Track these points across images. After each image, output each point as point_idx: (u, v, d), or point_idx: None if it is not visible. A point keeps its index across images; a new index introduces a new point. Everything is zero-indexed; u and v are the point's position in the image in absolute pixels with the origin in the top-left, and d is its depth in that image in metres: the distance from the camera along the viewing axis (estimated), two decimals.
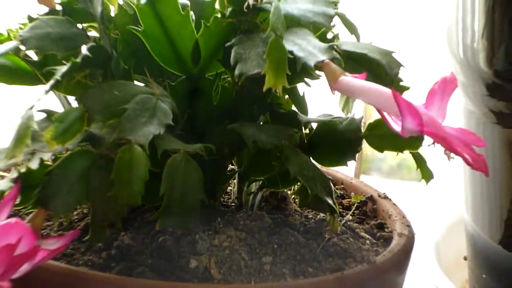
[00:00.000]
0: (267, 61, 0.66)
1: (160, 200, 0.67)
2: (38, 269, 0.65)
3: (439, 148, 0.67)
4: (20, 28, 0.72)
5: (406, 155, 0.77)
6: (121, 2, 0.74)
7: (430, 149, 0.69)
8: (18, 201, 0.70)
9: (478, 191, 0.97)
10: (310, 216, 0.80)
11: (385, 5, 1.18)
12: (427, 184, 0.77)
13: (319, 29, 0.72)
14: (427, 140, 0.67)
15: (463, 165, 0.73)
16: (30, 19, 0.73)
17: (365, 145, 0.77)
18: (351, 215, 0.83)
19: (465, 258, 1.02)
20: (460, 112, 0.96)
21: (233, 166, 0.80)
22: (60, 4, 0.75)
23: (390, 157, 1.04)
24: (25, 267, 0.64)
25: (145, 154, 0.65)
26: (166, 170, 0.67)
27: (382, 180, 1.10)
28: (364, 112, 0.84)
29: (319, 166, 0.75)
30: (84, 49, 0.69)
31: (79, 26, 0.72)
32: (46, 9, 0.75)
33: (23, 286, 0.63)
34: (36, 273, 0.65)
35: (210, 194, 0.73)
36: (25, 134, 0.65)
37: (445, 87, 0.67)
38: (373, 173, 1.10)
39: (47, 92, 0.67)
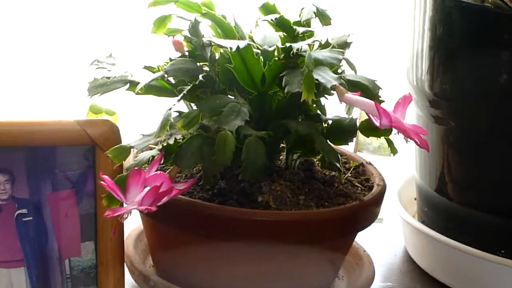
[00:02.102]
0: (303, 84, 0.65)
1: (241, 162, 0.66)
2: (173, 200, 0.65)
3: (401, 136, 0.66)
4: (165, 64, 0.72)
5: (383, 140, 0.75)
6: (221, 51, 0.73)
7: (396, 136, 0.67)
8: (162, 161, 0.70)
9: (422, 160, 0.96)
10: (327, 173, 0.79)
11: (372, 54, 1.16)
12: (394, 156, 0.75)
13: (333, 66, 0.71)
14: (394, 131, 0.66)
15: (414, 145, 0.71)
16: (170, 59, 0.72)
17: (359, 134, 0.76)
18: (350, 173, 0.82)
19: (415, 199, 1.01)
20: (413, 115, 0.95)
21: (283, 144, 0.78)
22: (187, 51, 0.74)
23: (374, 141, 1.02)
24: (165, 199, 0.63)
25: (233, 136, 0.64)
26: (245, 146, 0.66)
27: (369, 155, 1.07)
28: (358, 114, 0.82)
29: (332, 145, 0.74)
30: (200, 77, 0.68)
31: (198, 64, 0.72)
32: (179, 54, 0.75)
33: (164, 210, 0.63)
34: (171, 202, 0.65)
35: (270, 160, 0.72)
36: (166, 124, 0.65)
37: (405, 100, 0.66)
38: (364, 151, 1.07)
39: (179, 100, 0.67)
